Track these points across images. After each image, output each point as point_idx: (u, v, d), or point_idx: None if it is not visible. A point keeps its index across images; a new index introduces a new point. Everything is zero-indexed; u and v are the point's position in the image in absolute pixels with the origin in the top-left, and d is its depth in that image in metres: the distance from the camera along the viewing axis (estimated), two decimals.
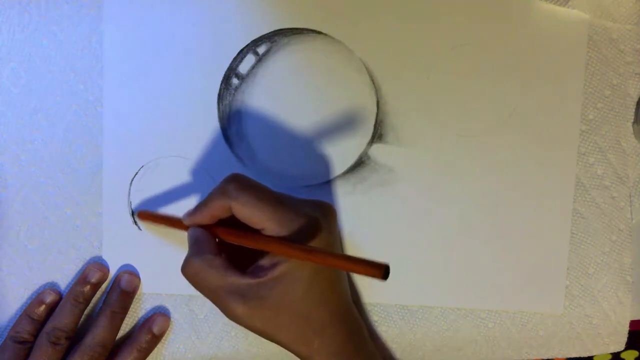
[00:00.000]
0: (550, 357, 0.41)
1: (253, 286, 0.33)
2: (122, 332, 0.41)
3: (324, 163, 0.40)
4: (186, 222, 0.36)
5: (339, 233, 0.40)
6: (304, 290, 0.33)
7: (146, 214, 0.40)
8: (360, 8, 0.39)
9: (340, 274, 0.36)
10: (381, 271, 0.28)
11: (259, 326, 0.33)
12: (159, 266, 0.41)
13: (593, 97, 0.40)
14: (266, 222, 0.33)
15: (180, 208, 0.40)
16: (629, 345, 0.41)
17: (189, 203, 0.40)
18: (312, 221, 0.33)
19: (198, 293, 0.34)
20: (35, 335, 0.39)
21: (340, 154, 0.40)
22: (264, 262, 0.33)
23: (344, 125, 0.40)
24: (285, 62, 0.40)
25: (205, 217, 0.35)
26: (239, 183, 0.34)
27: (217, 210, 0.34)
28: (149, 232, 0.41)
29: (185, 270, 0.34)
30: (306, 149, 0.40)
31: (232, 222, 0.35)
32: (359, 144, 0.40)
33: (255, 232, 0.34)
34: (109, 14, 0.40)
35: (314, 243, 0.33)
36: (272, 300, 0.32)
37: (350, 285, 0.40)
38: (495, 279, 0.40)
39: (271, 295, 0.32)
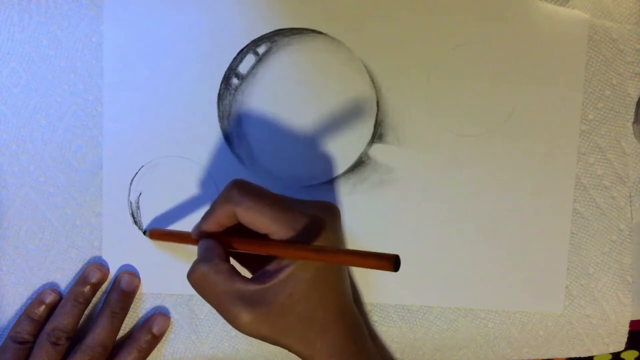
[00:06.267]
0: (550, 357, 0.41)
1: (259, 292, 0.32)
2: (122, 332, 0.41)
3: (324, 163, 0.40)
4: (194, 235, 0.36)
5: (343, 231, 0.40)
6: (307, 291, 0.33)
7: (157, 232, 0.40)
8: (360, 8, 0.39)
9: (342, 274, 0.36)
10: (391, 262, 0.28)
11: (264, 332, 0.33)
12: (159, 266, 0.41)
13: (593, 97, 0.40)
14: (271, 224, 0.33)
15: (180, 208, 0.40)
16: (629, 345, 0.41)
17: (189, 203, 0.41)
18: (316, 220, 0.33)
19: None
20: (36, 335, 0.39)
21: (340, 153, 0.40)
22: (271, 267, 0.33)
23: (344, 125, 0.40)
24: (285, 62, 0.40)
25: (211, 225, 0.35)
26: (241, 188, 0.34)
27: (223, 217, 0.34)
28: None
29: (192, 275, 0.34)
30: (306, 148, 0.40)
31: (239, 231, 0.35)
32: (359, 143, 0.40)
33: (262, 238, 0.34)
34: (109, 14, 0.40)
35: (320, 242, 0.33)
36: (278, 304, 0.32)
37: (351, 285, 0.41)
38: (495, 279, 0.40)
39: (277, 299, 0.32)
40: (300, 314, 0.33)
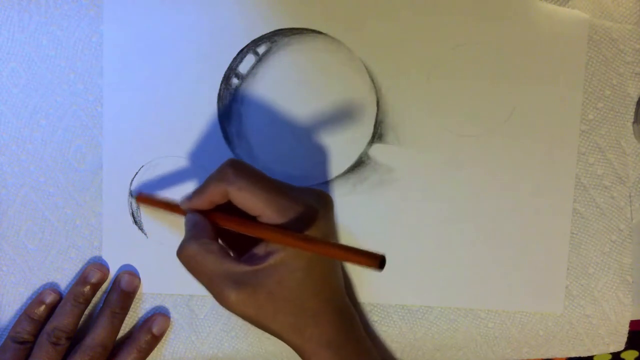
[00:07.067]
0: (550, 357, 0.41)
1: (248, 273, 0.32)
2: (122, 332, 0.41)
3: (323, 163, 0.40)
4: (183, 207, 0.36)
5: (335, 223, 0.40)
6: (300, 280, 0.33)
7: (144, 197, 0.40)
8: (360, 8, 0.39)
9: (335, 264, 0.36)
10: (377, 261, 0.28)
11: (252, 313, 0.33)
12: (159, 266, 0.41)
13: (593, 97, 0.40)
14: (263, 208, 0.33)
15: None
16: (629, 345, 0.41)
17: None
18: (310, 209, 0.33)
19: (198, 293, 0.34)
20: (36, 335, 0.39)
21: (340, 153, 0.40)
22: (259, 250, 0.33)
23: (344, 124, 0.40)
24: (285, 62, 0.40)
25: (202, 202, 0.35)
26: (236, 168, 0.34)
27: (215, 195, 0.34)
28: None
29: (182, 253, 0.34)
30: (306, 148, 0.40)
31: (229, 209, 0.35)
32: (359, 143, 0.40)
33: (252, 219, 0.34)
34: (109, 14, 0.40)
35: (311, 232, 0.33)
36: (267, 288, 0.32)
37: (350, 284, 0.41)
38: (495, 278, 0.40)
39: (266, 283, 0.32)
40: (291, 301, 0.33)
